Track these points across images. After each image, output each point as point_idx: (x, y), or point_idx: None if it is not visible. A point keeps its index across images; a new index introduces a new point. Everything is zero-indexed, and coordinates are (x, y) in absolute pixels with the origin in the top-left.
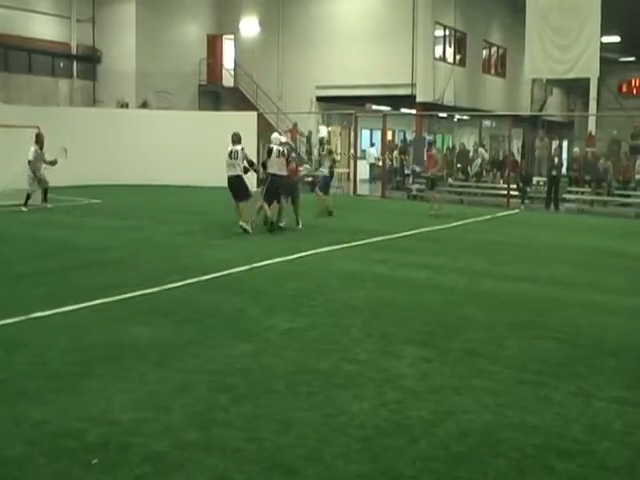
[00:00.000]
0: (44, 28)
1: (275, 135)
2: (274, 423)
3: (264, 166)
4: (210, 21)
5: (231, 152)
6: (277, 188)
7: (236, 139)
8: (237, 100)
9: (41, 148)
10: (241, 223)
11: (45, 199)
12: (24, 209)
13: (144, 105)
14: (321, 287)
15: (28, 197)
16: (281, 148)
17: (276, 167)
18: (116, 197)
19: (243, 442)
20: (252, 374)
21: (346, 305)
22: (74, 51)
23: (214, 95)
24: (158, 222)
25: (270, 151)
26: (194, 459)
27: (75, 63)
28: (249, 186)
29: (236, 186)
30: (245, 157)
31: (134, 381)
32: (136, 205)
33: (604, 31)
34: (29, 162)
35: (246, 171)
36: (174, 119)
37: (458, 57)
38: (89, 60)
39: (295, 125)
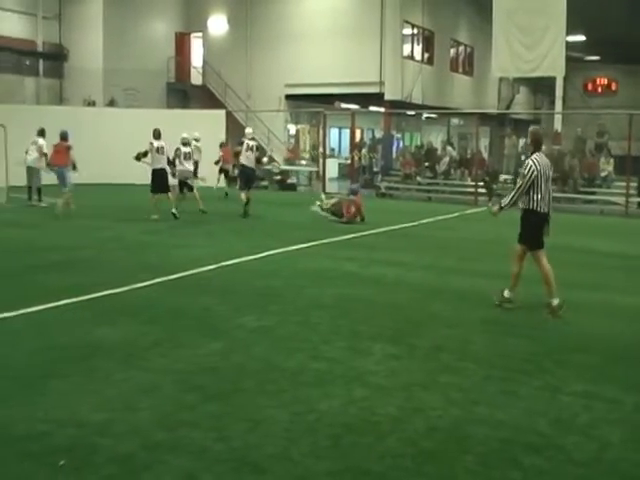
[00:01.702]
0: (9, 25)
1: (248, 130)
2: (242, 422)
3: (236, 155)
4: (178, 19)
5: (159, 148)
6: (248, 177)
7: (157, 135)
8: (205, 98)
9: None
10: (173, 210)
11: (30, 198)
12: (43, 204)
13: (111, 103)
14: (290, 285)
15: (39, 191)
16: (251, 143)
17: (245, 159)
18: (83, 196)
19: (211, 441)
20: (220, 373)
21: (315, 303)
22: (40, 49)
23: (182, 93)
24: (126, 221)
25: (241, 144)
26: (162, 459)
27: (41, 61)
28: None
29: (163, 179)
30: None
31: (101, 382)
32: (104, 204)
33: (569, 30)
34: (45, 155)
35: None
36: (142, 117)
37: (426, 56)
38: (55, 58)
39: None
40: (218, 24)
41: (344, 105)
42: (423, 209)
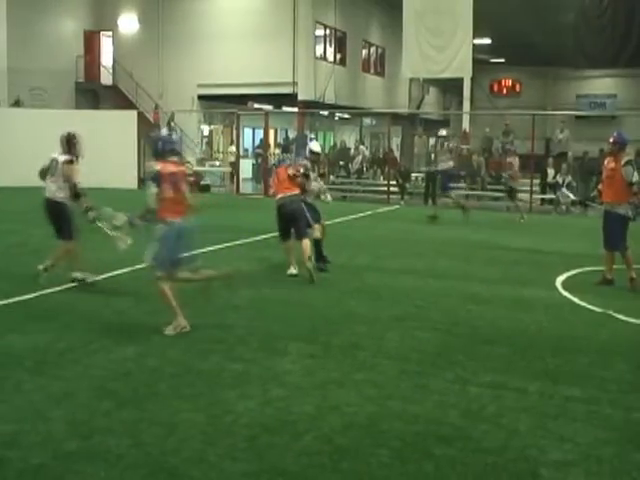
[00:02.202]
0: None
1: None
2: (158, 427)
3: None
4: (87, 16)
5: (52, 161)
6: None
7: (66, 144)
8: (116, 98)
9: None
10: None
11: None
12: None
13: (17, 103)
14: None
15: None
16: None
17: None
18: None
19: (126, 448)
20: (135, 378)
21: (230, 304)
22: None
23: (92, 93)
24: (33, 225)
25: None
26: (75, 469)
27: None
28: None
29: (54, 216)
30: (70, 173)
31: (10, 391)
32: (10, 208)
33: (476, 33)
34: None
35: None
36: (50, 118)
37: (339, 56)
38: None
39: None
40: (129, 22)
41: (257, 105)
42: (337, 208)
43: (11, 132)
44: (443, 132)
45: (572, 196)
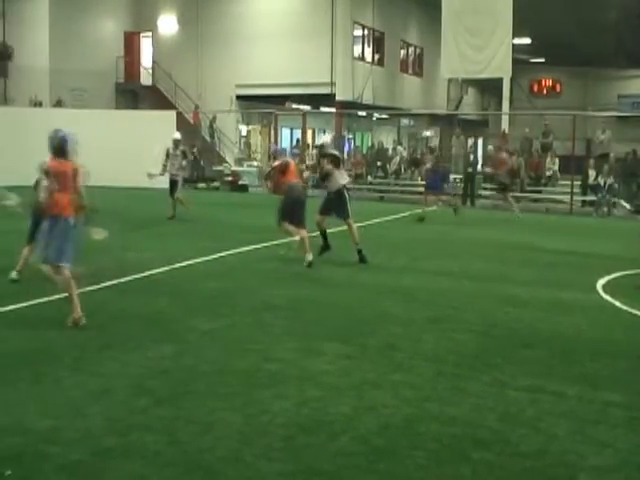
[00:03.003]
0: None
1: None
2: (194, 425)
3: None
4: (127, 17)
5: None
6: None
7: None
8: (155, 99)
9: None
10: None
11: None
12: None
13: (58, 104)
14: (241, 287)
15: None
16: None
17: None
18: (30, 199)
19: (163, 446)
20: (172, 376)
21: (267, 304)
22: None
23: (132, 94)
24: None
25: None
26: (113, 465)
27: None
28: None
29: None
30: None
31: (49, 387)
32: None
33: (516, 33)
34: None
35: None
36: (90, 118)
37: (377, 56)
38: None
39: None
40: (168, 23)
41: (295, 106)
42: (374, 209)
43: None
44: (427, 133)
45: (629, 207)
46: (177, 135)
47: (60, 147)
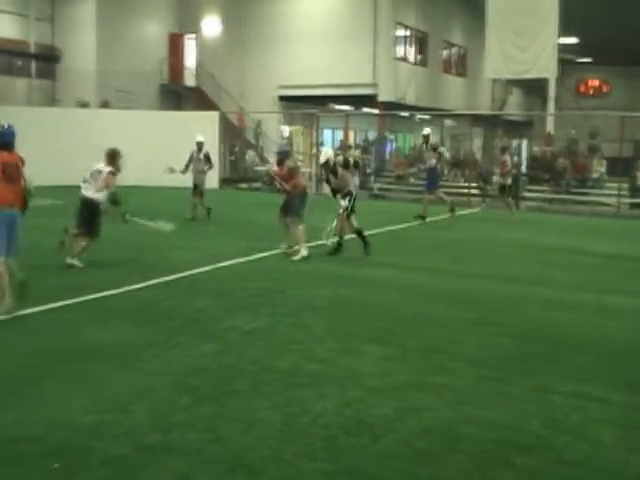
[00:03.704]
0: (1, 26)
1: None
2: (236, 423)
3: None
4: (171, 19)
5: (96, 172)
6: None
7: (108, 158)
8: (199, 100)
9: None
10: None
11: None
12: None
13: (104, 105)
14: (283, 287)
15: None
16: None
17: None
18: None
19: (205, 443)
20: (214, 374)
21: (308, 304)
22: (32, 50)
23: (175, 95)
24: (119, 223)
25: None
26: (156, 461)
27: (33, 62)
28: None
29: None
30: (107, 183)
31: (95, 383)
32: None
33: (562, 32)
34: None
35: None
36: (135, 119)
37: (419, 57)
38: (48, 59)
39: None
40: (212, 25)
41: (337, 106)
42: (415, 210)
43: (100, 132)
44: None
45: None
46: (200, 138)
47: (10, 141)
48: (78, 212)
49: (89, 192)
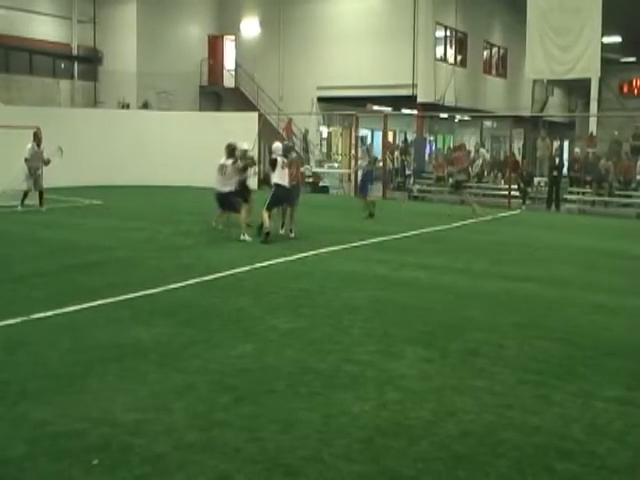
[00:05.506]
0: (45, 29)
1: (277, 145)
2: (275, 423)
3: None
4: (211, 21)
5: (221, 167)
6: (281, 198)
7: (228, 152)
8: (238, 101)
9: (38, 145)
10: (242, 237)
11: (41, 203)
12: (19, 208)
13: (145, 106)
14: (322, 287)
15: (25, 195)
16: (284, 159)
17: (279, 178)
18: (117, 198)
19: (244, 442)
20: (253, 374)
21: (347, 305)
22: (75, 52)
23: (215, 96)
24: (159, 223)
25: (274, 162)
26: (195, 460)
27: (76, 64)
28: (239, 198)
29: (224, 200)
30: (237, 169)
31: (135, 381)
32: (137, 206)
33: (605, 31)
34: (25, 159)
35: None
36: (175, 120)
37: (459, 58)
38: (90, 61)
39: (290, 121)
40: (251, 26)
41: (376, 107)
42: (456, 212)
43: (140, 133)
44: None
45: None
46: (245, 145)
47: None
48: (218, 202)
49: (218, 186)
